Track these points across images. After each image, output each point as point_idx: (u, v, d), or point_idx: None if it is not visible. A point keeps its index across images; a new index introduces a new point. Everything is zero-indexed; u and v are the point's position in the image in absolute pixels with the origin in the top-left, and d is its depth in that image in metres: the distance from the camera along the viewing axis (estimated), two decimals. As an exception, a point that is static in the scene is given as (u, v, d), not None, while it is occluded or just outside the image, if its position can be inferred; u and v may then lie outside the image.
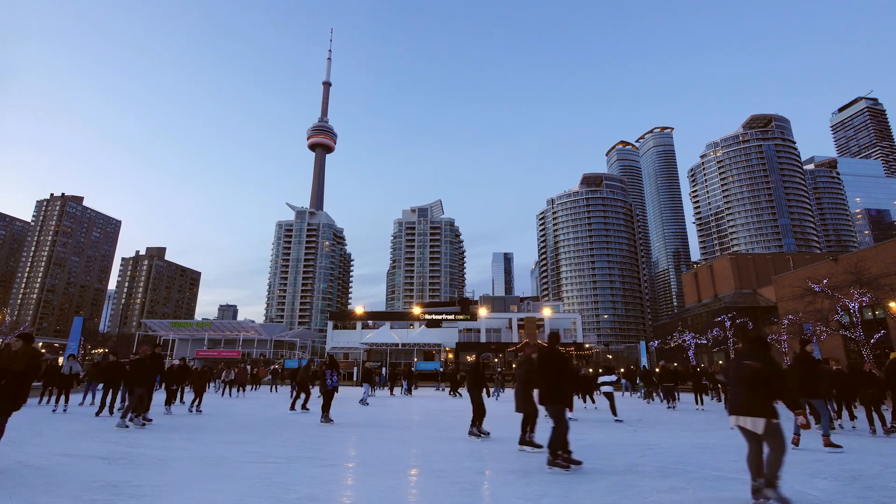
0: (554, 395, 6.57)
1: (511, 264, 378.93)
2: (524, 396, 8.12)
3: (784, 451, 4.91)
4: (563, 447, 6.37)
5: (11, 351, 6.23)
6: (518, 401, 8.29)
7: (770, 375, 4.93)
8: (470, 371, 10.50)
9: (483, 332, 73.30)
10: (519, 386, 8.27)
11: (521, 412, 8.22)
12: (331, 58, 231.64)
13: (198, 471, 6.22)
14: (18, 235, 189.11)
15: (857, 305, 33.21)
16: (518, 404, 8.28)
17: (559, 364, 6.71)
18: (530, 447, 7.95)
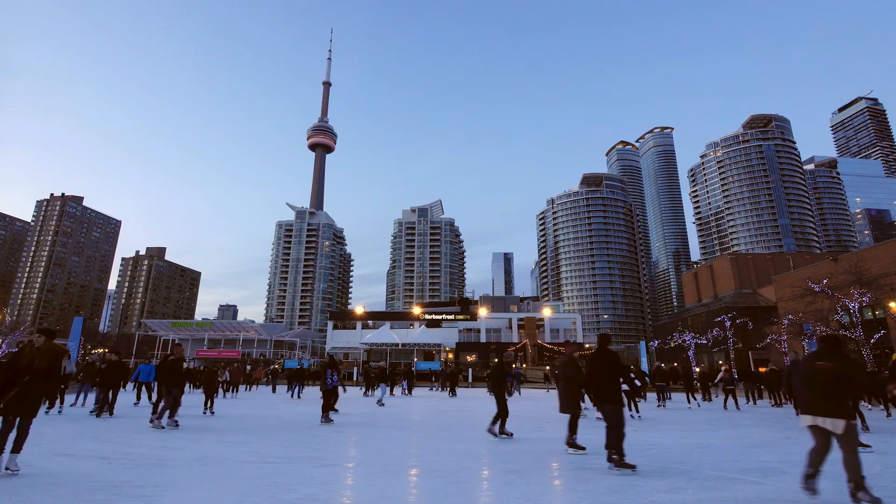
0: (608, 396, 6.62)
1: (511, 264, 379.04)
2: (570, 397, 8.10)
3: (857, 449, 4.98)
4: (619, 447, 6.37)
5: (34, 347, 5.99)
6: (563, 402, 8.27)
7: (848, 375, 4.97)
8: (493, 370, 10.38)
9: (483, 332, 73.32)
10: (563, 387, 8.25)
11: (566, 413, 8.18)
12: (331, 58, 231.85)
13: (198, 471, 6.22)
14: (18, 235, 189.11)
15: (857, 305, 33.22)
16: (563, 405, 8.25)
17: (612, 365, 6.76)
18: (572, 449, 7.87)
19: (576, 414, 7.99)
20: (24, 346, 5.98)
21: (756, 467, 6.65)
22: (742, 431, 11.53)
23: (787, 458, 7.46)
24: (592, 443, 8.05)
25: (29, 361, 5.84)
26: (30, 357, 5.88)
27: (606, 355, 6.84)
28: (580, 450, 7.76)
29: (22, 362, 5.83)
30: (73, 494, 4.83)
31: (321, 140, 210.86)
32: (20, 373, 5.75)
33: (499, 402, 9.90)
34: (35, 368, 5.84)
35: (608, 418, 6.51)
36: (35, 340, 6.07)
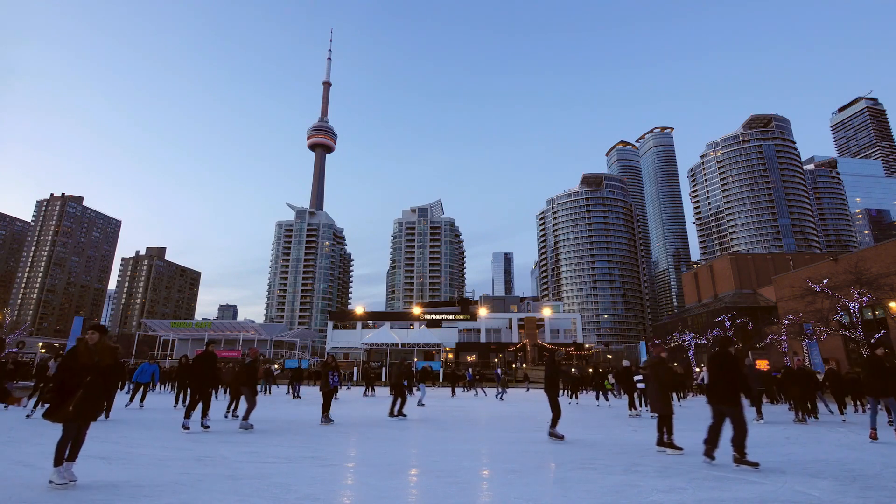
0: (731, 397, 6.80)
1: (511, 264, 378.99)
2: (662, 398, 8.19)
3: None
4: (742, 447, 6.60)
5: (89, 345, 5.54)
6: (654, 402, 8.36)
7: None
8: (546, 369, 10.24)
9: (483, 332, 73.36)
10: (656, 387, 8.33)
11: (657, 413, 8.24)
12: (331, 58, 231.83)
13: (198, 471, 6.22)
14: (18, 235, 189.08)
15: (857, 305, 33.24)
16: (654, 405, 8.35)
17: (734, 366, 6.93)
18: (671, 449, 7.84)
19: (669, 414, 8.02)
20: (78, 343, 5.54)
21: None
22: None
23: (787, 458, 7.46)
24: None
25: (89, 360, 5.43)
26: (88, 355, 5.46)
27: (726, 357, 7.02)
28: (678, 450, 7.76)
29: (81, 361, 5.40)
30: (73, 495, 4.83)
31: (321, 140, 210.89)
32: (83, 372, 5.35)
33: (552, 403, 9.74)
34: (99, 367, 5.49)
35: (732, 418, 6.73)
36: (89, 337, 5.64)
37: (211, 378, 10.64)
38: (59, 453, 5.14)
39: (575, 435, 10.71)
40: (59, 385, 5.25)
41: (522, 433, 10.94)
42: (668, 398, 8.18)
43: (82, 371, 5.30)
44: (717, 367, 7.03)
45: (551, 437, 9.50)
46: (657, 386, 8.27)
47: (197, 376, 10.53)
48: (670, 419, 7.98)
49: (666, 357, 8.80)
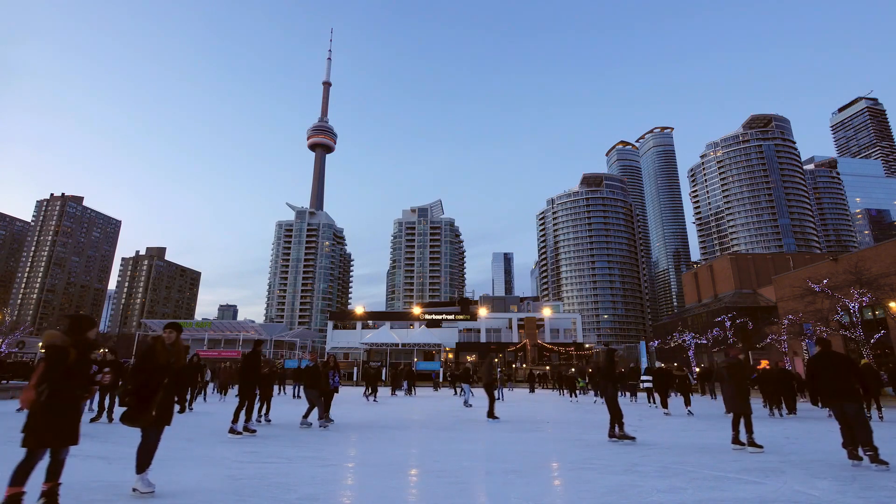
0: (852, 395, 6.99)
1: (511, 264, 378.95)
2: (740, 397, 8.44)
3: None
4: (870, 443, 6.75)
5: (166, 344, 5.25)
6: (730, 401, 8.68)
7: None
8: (604, 367, 10.04)
9: (483, 332, 73.35)
10: (733, 387, 8.57)
11: (733, 412, 8.51)
12: (331, 58, 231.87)
13: (198, 471, 6.22)
14: (18, 235, 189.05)
15: (857, 305, 33.21)
16: (729, 405, 8.68)
17: (847, 364, 7.17)
18: (751, 447, 8.10)
19: (748, 413, 8.28)
20: (155, 342, 5.22)
21: (756, 467, 6.65)
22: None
23: (787, 459, 7.46)
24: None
25: (166, 360, 5.13)
26: (166, 355, 5.16)
27: (832, 356, 7.27)
28: (758, 448, 8.03)
29: (160, 361, 5.08)
30: (73, 494, 4.83)
31: (321, 140, 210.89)
32: (161, 373, 5.03)
33: (610, 404, 9.58)
34: (175, 369, 5.20)
35: (853, 416, 6.89)
36: (166, 336, 5.31)
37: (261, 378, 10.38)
38: (143, 459, 4.87)
39: (575, 435, 10.71)
40: (139, 387, 4.92)
41: (522, 433, 10.95)
42: (746, 398, 8.46)
43: (160, 372, 5.05)
44: (824, 367, 7.27)
45: (620, 438, 9.24)
46: (734, 386, 8.54)
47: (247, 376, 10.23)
48: (749, 417, 8.27)
49: (743, 359, 9.19)
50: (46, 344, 4.36)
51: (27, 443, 4.12)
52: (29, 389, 4.18)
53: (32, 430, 4.13)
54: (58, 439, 4.23)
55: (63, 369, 4.25)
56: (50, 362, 4.25)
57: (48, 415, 4.17)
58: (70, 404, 4.31)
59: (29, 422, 4.14)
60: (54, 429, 4.19)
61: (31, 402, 4.15)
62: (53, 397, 4.17)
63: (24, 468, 4.12)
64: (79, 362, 4.39)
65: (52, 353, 4.29)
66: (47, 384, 4.18)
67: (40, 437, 4.15)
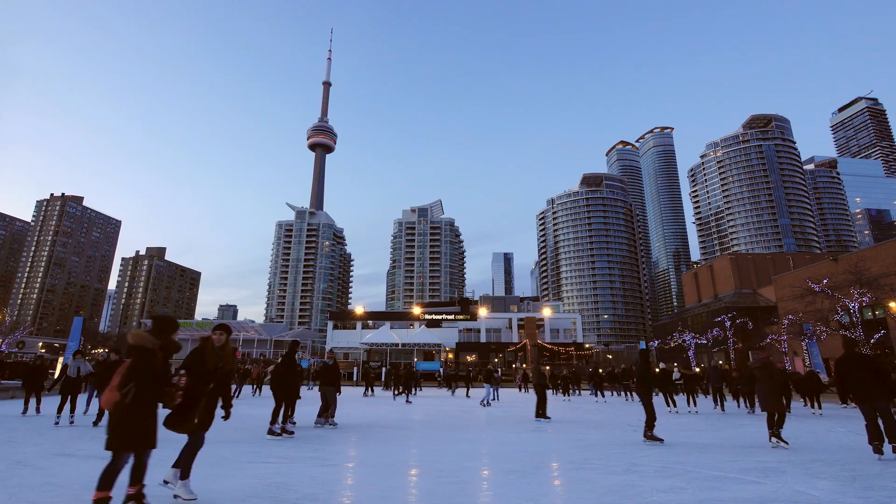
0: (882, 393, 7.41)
1: (511, 264, 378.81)
2: (774, 396, 8.99)
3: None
4: None
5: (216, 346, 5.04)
6: (765, 400, 9.13)
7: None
8: (638, 368, 10.06)
9: (483, 332, 73.33)
10: (767, 387, 9.10)
11: (769, 410, 8.99)
12: (331, 58, 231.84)
13: (197, 471, 6.21)
14: (18, 235, 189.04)
15: (857, 305, 33.22)
16: (764, 403, 9.12)
17: (873, 365, 7.62)
18: (782, 443, 8.68)
19: (782, 411, 8.85)
20: (205, 344, 4.96)
21: (756, 467, 6.65)
22: (742, 431, 11.54)
23: (787, 458, 7.46)
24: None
25: (214, 365, 4.89)
26: (214, 359, 4.92)
27: (859, 358, 7.76)
28: (786, 444, 8.68)
29: (208, 365, 4.84)
30: (73, 494, 4.83)
31: (321, 140, 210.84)
32: (208, 377, 4.83)
33: (646, 406, 9.62)
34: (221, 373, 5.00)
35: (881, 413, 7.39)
36: (216, 338, 5.09)
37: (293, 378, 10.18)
38: (188, 464, 4.73)
39: (575, 435, 10.71)
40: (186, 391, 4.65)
41: (522, 433, 10.94)
42: (779, 397, 8.99)
43: (208, 376, 4.85)
44: (851, 368, 7.75)
45: (648, 439, 9.26)
46: (768, 385, 9.07)
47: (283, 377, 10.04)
48: (783, 416, 8.85)
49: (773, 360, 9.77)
50: (135, 345, 4.20)
51: (112, 445, 4.00)
52: (112, 390, 4.04)
53: (117, 432, 4.01)
54: (142, 442, 4.13)
55: (150, 372, 4.15)
56: (138, 364, 4.12)
57: (133, 417, 4.04)
58: (153, 407, 4.21)
59: (113, 424, 4.03)
60: (139, 432, 4.08)
61: (114, 404, 4.02)
62: (139, 400, 4.04)
63: (110, 472, 4.01)
64: (164, 365, 4.29)
65: (141, 355, 4.16)
66: (134, 386, 4.04)
67: (126, 440, 4.04)
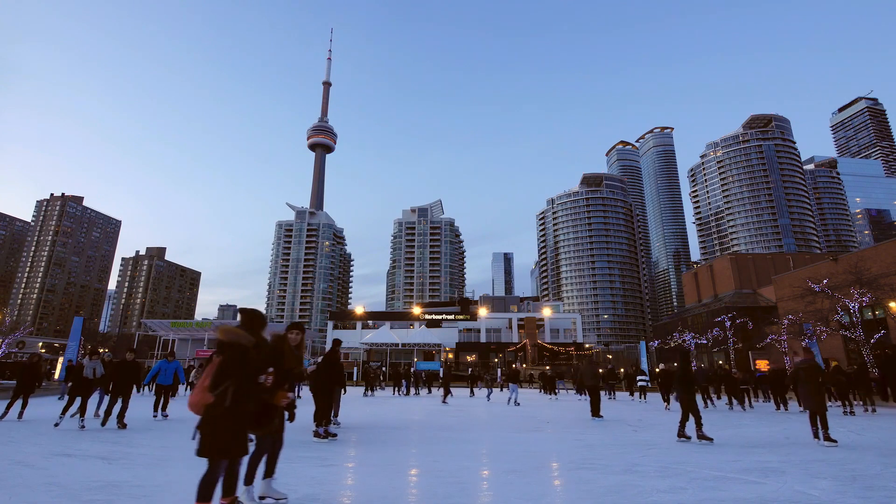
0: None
1: (511, 264, 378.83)
2: (819, 397, 9.28)
3: None
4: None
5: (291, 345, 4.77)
6: (807, 400, 9.43)
7: None
8: (679, 371, 10.00)
9: (483, 332, 73.35)
10: (810, 387, 9.40)
11: (810, 409, 9.28)
12: (331, 58, 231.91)
13: (198, 471, 6.18)
14: (18, 235, 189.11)
15: (857, 305, 33.19)
16: (806, 403, 9.44)
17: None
18: (827, 441, 8.88)
19: (823, 411, 9.11)
20: (282, 343, 4.69)
21: (756, 467, 6.65)
22: (742, 431, 11.54)
23: (787, 458, 7.46)
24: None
25: (290, 365, 4.66)
26: (293, 359, 4.71)
27: None
28: (833, 442, 8.85)
29: (286, 365, 4.57)
30: (73, 494, 4.83)
31: (321, 140, 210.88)
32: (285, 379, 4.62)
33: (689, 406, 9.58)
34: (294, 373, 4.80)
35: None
36: (293, 337, 4.87)
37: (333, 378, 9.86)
38: (252, 469, 4.53)
39: (575, 435, 10.71)
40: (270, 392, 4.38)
41: (522, 433, 10.94)
42: (823, 397, 9.28)
43: (285, 376, 4.63)
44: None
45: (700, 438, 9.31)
46: (813, 386, 9.35)
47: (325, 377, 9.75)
48: (825, 415, 9.10)
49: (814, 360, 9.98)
50: (229, 342, 3.87)
51: (208, 452, 3.71)
52: (203, 392, 3.72)
53: (213, 437, 3.71)
54: (239, 449, 3.80)
55: (245, 371, 3.85)
56: (233, 362, 3.80)
57: (230, 420, 3.73)
58: (247, 410, 3.89)
59: (207, 428, 3.73)
60: (236, 437, 3.77)
61: (206, 406, 3.72)
62: (236, 402, 3.73)
63: (209, 481, 3.74)
64: (260, 364, 4.00)
65: (237, 353, 3.83)
66: (230, 387, 3.72)
67: (223, 446, 3.73)
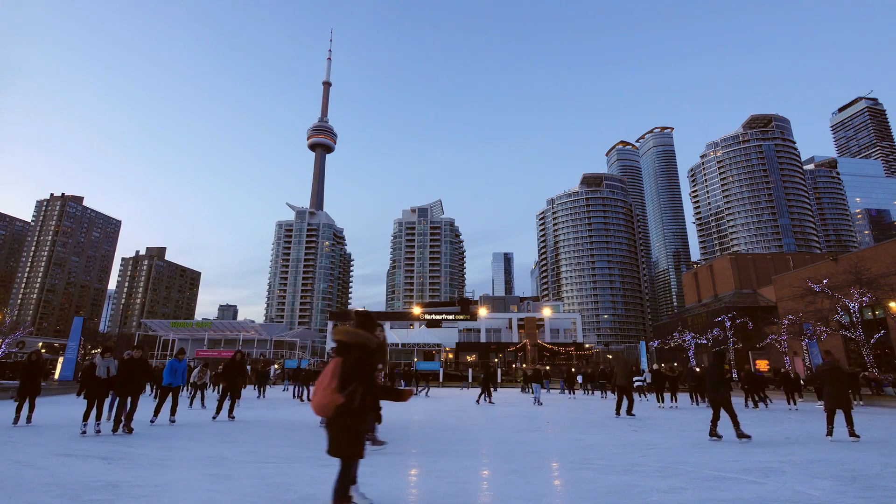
0: None
1: (511, 264, 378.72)
2: (845, 396, 9.71)
3: None
4: None
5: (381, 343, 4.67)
6: (832, 398, 9.81)
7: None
8: (712, 370, 10.01)
9: (483, 332, 73.35)
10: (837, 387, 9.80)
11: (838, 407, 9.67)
12: (331, 58, 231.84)
13: (198, 471, 6.22)
14: (18, 235, 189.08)
15: (857, 305, 33.22)
16: (833, 402, 9.79)
17: None
18: (853, 438, 9.42)
19: (848, 409, 9.59)
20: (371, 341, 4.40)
21: (756, 467, 6.65)
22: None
23: (787, 458, 7.46)
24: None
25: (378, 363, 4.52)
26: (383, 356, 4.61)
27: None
28: (857, 437, 9.42)
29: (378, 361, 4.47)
30: (73, 494, 4.83)
31: (321, 140, 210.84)
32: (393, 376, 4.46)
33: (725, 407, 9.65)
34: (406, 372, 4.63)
35: None
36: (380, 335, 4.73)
37: None
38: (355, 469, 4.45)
39: (575, 435, 10.71)
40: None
41: (523, 433, 10.94)
42: (847, 396, 9.69)
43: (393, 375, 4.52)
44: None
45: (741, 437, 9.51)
46: (837, 387, 9.77)
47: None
48: (850, 413, 9.62)
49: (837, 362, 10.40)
50: (356, 343, 3.86)
51: (343, 452, 3.70)
52: (332, 392, 3.69)
53: (348, 437, 3.70)
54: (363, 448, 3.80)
55: (371, 372, 3.86)
56: (361, 363, 3.81)
57: (360, 420, 3.73)
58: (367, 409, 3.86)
59: (340, 429, 3.71)
60: (362, 437, 3.77)
61: (335, 407, 3.67)
62: (364, 402, 3.74)
63: (344, 482, 3.72)
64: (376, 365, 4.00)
65: (363, 354, 3.83)
66: (359, 387, 3.72)
67: (357, 446, 3.72)
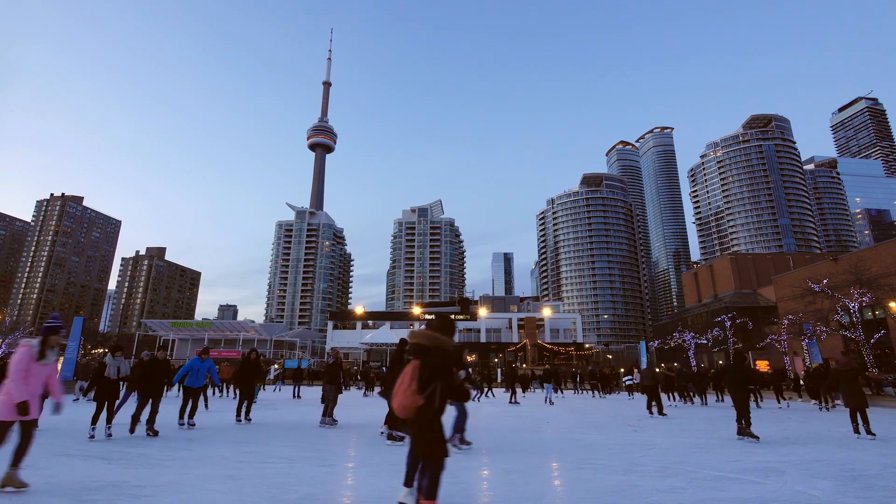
0: None
1: (511, 264, 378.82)
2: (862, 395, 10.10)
3: None
4: None
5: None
6: (850, 398, 10.17)
7: None
8: (735, 371, 10.09)
9: (483, 332, 73.38)
10: (854, 388, 10.25)
11: (853, 405, 10.05)
12: (331, 58, 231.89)
13: (198, 471, 6.22)
14: (18, 235, 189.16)
15: (857, 305, 33.24)
16: (851, 401, 10.14)
17: None
18: (868, 435, 9.75)
19: (863, 407, 9.99)
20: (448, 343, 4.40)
21: (756, 467, 6.65)
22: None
23: (787, 458, 7.46)
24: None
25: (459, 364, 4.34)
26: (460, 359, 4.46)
27: None
28: (873, 435, 9.77)
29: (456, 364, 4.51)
30: (73, 494, 4.83)
31: (321, 140, 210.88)
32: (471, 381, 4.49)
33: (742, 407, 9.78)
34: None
35: None
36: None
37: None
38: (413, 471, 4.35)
39: (575, 435, 10.71)
40: None
41: (522, 433, 10.94)
42: (862, 395, 10.07)
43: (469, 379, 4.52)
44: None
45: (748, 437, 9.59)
46: (854, 387, 10.24)
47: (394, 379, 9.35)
48: (865, 411, 9.99)
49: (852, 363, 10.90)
50: (435, 346, 3.95)
51: (434, 453, 3.74)
52: (413, 394, 3.75)
53: (435, 437, 3.77)
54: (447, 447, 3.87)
55: (449, 374, 3.93)
56: (442, 365, 3.87)
57: (438, 420, 3.80)
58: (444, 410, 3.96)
59: (425, 430, 3.78)
60: (443, 436, 3.84)
61: (417, 409, 3.75)
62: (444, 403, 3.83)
63: (435, 481, 3.76)
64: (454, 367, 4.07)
65: (445, 357, 3.92)
66: (438, 388, 3.79)
67: (444, 445, 3.79)
